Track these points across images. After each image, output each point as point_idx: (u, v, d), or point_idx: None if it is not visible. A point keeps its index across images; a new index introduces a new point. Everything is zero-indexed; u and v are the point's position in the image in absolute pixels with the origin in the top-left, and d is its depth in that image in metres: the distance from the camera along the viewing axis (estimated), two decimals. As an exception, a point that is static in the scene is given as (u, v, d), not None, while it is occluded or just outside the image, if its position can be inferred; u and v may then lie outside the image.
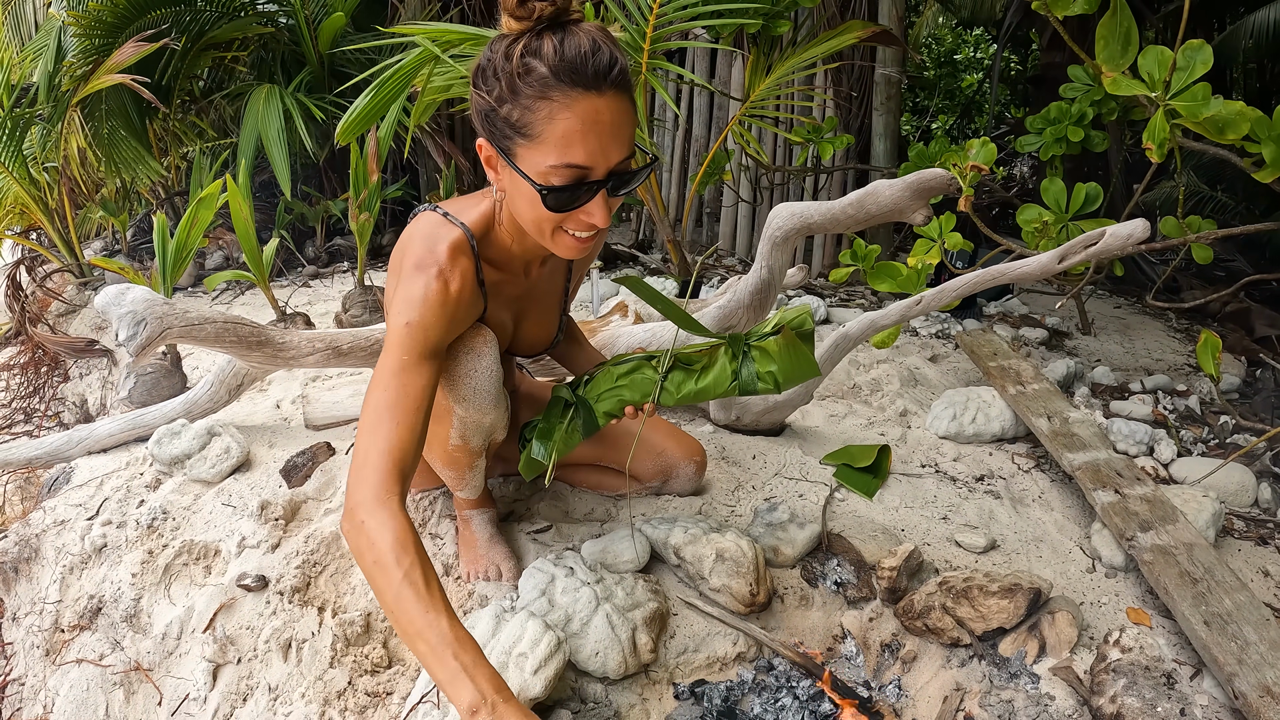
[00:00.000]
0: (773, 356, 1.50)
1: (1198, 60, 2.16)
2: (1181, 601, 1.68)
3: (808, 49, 3.22)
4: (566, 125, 1.19)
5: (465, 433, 1.54)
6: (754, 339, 1.53)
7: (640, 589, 1.63)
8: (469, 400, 1.46)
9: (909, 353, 3.07)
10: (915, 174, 1.83)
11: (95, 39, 3.84)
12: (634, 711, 1.52)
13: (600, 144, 1.22)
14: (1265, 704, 1.45)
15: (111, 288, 2.09)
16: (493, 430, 1.59)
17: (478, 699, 1.09)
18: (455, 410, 1.48)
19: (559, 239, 1.33)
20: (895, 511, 2.06)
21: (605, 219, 1.29)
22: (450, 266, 1.35)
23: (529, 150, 1.23)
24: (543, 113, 1.20)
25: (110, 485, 2.29)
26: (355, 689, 1.59)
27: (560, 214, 1.28)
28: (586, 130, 1.20)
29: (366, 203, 2.88)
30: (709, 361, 1.54)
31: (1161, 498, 2.00)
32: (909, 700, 1.59)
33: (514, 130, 1.23)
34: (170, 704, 1.77)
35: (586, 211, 1.28)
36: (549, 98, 1.19)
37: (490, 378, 1.45)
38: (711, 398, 1.55)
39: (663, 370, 1.53)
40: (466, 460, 1.62)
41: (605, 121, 1.21)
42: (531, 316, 1.65)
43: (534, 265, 1.58)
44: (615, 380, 1.56)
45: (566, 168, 1.22)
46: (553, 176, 1.23)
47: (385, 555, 1.16)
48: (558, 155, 1.21)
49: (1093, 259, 1.82)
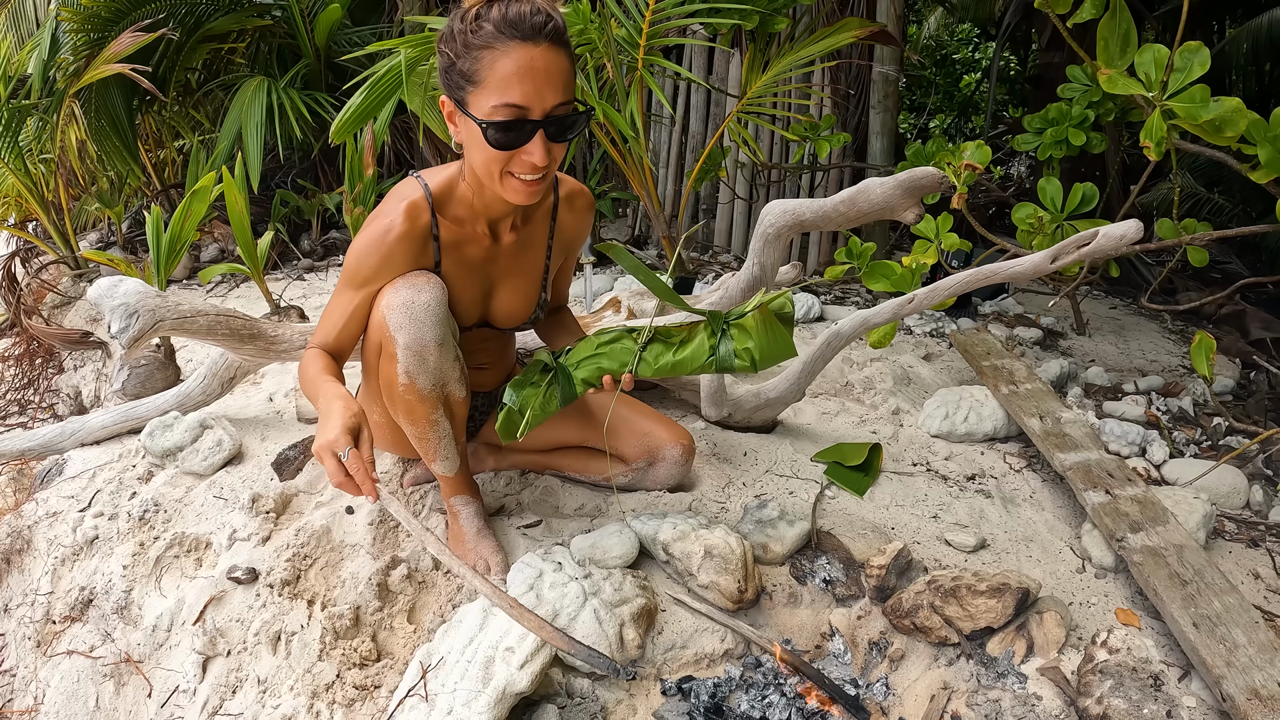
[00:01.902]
0: (750, 333, 1.54)
1: (1195, 62, 2.16)
2: (1171, 603, 1.69)
3: (805, 46, 3.21)
4: (505, 69, 1.39)
5: (410, 368, 1.58)
6: (733, 318, 1.57)
7: (628, 584, 1.63)
8: (405, 327, 1.55)
9: (903, 351, 3.07)
10: (907, 172, 1.83)
11: (90, 33, 3.84)
12: (621, 707, 1.52)
13: (535, 87, 1.41)
14: (1253, 707, 1.45)
15: (105, 280, 2.09)
16: (439, 377, 1.61)
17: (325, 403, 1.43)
18: (397, 339, 1.56)
19: (507, 183, 1.50)
20: (886, 510, 2.06)
21: (544, 159, 1.45)
22: (398, 219, 1.57)
23: (476, 95, 1.43)
24: (486, 60, 1.40)
25: (102, 477, 2.30)
26: (344, 682, 1.59)
27: (504, 153, 1.45)
28: (523, 74, 1.39)
29: (361, 196, 2.87)
30: (688, 336, 1.60)
31: (1152, 499, 2.00)
32: (896, 699, 1.59)
33: (465, 80, 1.43)
34: (160, 696, 1.77)
35: (527, 151, 1.45)
36: (492, 47, 1.39)
37: (426, 310, 1.56)
38: (688, 372, 1.60)
39: (642, 341, 1.59)
40: (422, 411, 1.64)
41: (540, 68, 1.40)
42: (507, 286, 1.76)
43: (503, 227, 1.70)
44: (595, 349, 1.61)
45: (506, 106, 1.41)
46: (495, 114, 1.42)
47: (304, 366, 1.57)
48: (498, 95, 1.40)
49: (1086, 259, 1.82)
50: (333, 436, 1.35)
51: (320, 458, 1.36)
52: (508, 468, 2.08)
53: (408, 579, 1.77)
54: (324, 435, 1.36)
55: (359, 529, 1.91)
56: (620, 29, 3.09)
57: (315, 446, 1.37)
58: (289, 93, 4.06)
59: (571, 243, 1.84)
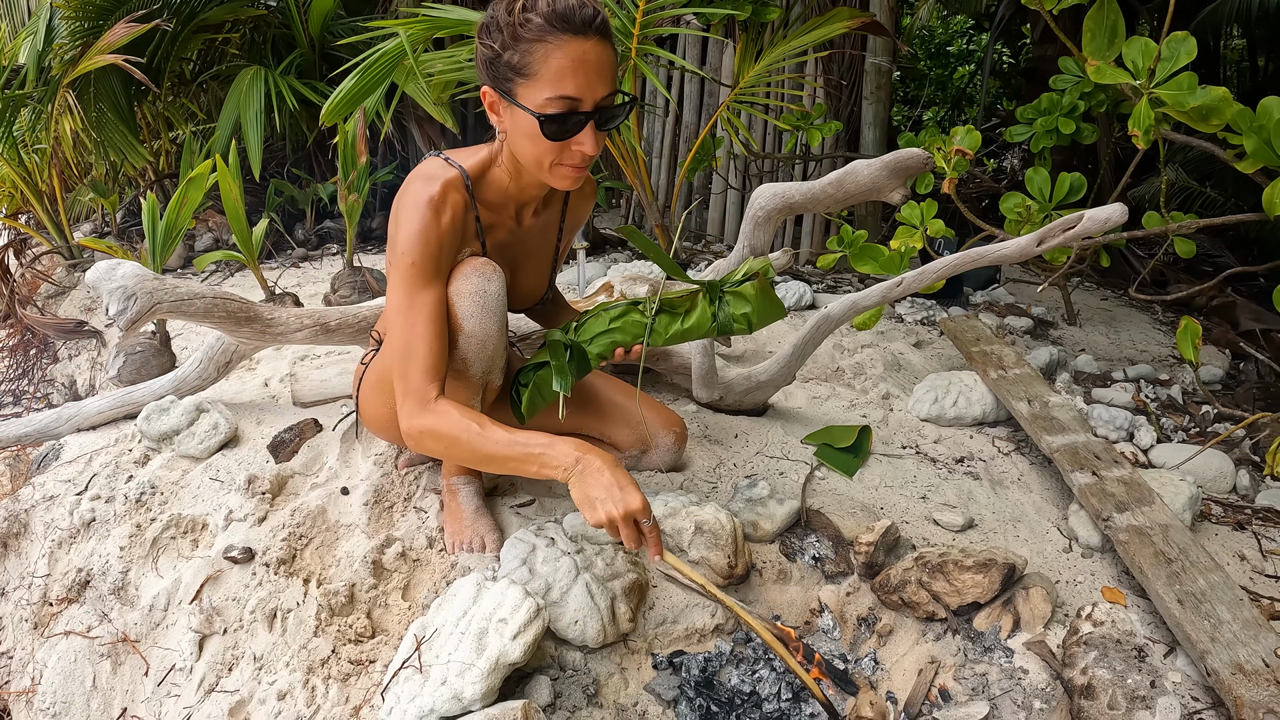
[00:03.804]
0: (748, 299, 1.68)
1: (1181, 51, 2.19)
2: (1156, 580, 1.71)
3: (797, 36, 3.23)
4: (559, 63, 1.42)
5: (469, 355, 1.60)
6: (727, 286, 1.71)
7: (620, 560, 1.65)
8: (475, 316, 1.57)
9: (893, 338, 3.10)
10: (893, 154, 1.86)
11: (85, 22, 3.84)
12: (613, 680, 1.54)
13: (588, 79, 1.44)
14: (1237, 680, 1.48)
15: (103, 263, 2.10)
16: (490, 365, 1.63)
17: (566, 464, 1.43)
18: (464, 327, 1.58)
19: (556, 171, 1.53)
20: (875, 490, 2.09)
21: (595, 148, 1.49)
22: (442, 201, 1.55)
23: (528, 88, 1.45)
24: (539, 54, 1.42)
25: (99, 461, 2.31)
26: (339, 657, 1.61)
27: (557, 143, 1.48)
28: (576, 67, 1.42)
29: (355, 184, 2.89)
30: (691, 305, 1.71)
31: (1138, 480, 2.02)
32: (885, 673, 1.62)
33: (514, 72, 1.45)
34: (157, 674, 1.79)
35: (579, 141, 1.48)
36: (545, 41, 1.41)
37: (496, 301, 1.58)
38: (696, 338, 1.72)
39: (651, 313, 1.68)
40: (463, 397, 1.65)
41: (591, 61, 1.44)
42: (526, 268, 1.80)
43: (527, 212, 1.73)
44: (608, 324, 1.69)
45: (560, 99, 1.44)
46: (549, 107, 1.44)
47: (452, 430, 1.48)
48: (553, 88, 1.43)
49: (1071, 241, 1.85)
50: (638, 505, 1.39)
51: (617, 522, 1.39)
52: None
53: (402, 557, 1.78)
54: (627, 503, 1.39)
55: (354, 509, 1.93)
56: (614, 18, 3.11)
57: (613, 513, 1.39)
58: (286, 81, 4.07)
59: (577, 224, 1.91)
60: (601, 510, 1.39)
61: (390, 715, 1.40)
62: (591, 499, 1.40)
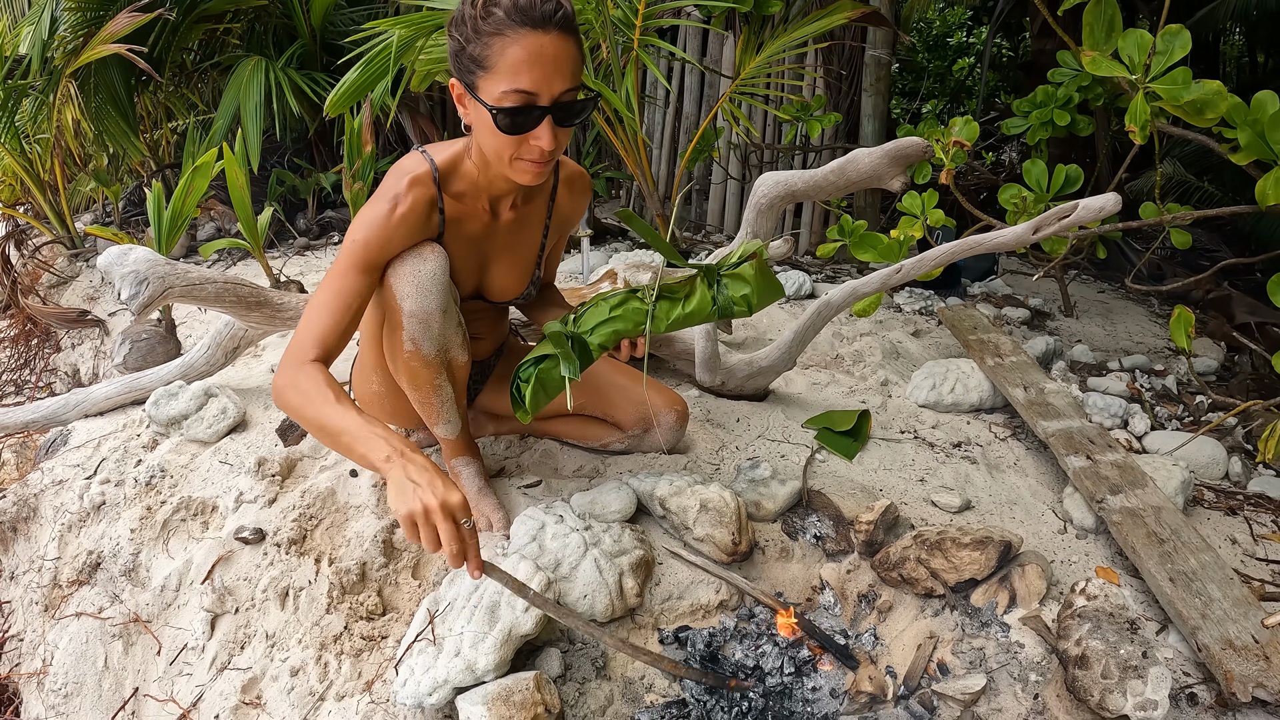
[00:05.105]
0: (747, 281, 1.69)
1: (1176, 45, 2.22)
2: (1148, 559, 1.75)
3: (798, 28, 3.26)
4: (515, 56, 1.41)
5: (415, 335, 1.61)
6: (724, 269, 1.71)
7: (627, 537, 1.69)
8: (412, 295, 1.58)
9: (892, 327, 3.14)
10: (893, 142, 1.90)
11: (88, 12, 3.85)
12: (620, 654, 1.58)
13: (544, 74, 1.43)
14: (1228, 655, 1.52)
15: (115, 248, 2.13)
16: (443, 343, 1.65)
17: (390, 451, 1.31)
18: (403, 308, 1.59)
19: (516, 166, 1.53)
20: (874, 473, 2.12)
21: (552, 143, 1.48)
22: (404, 195, 1.57)
23: (487, 80, 1.45)
24: (497, 46, 1.42)
25: (108, 446, 2.33)
26: (351, 633, 1.64)
27: (514, 137, 1.48)
28: (533, 61, 1.42)
29: (360, 172, 2.91)
30: (690, 290, 1.70)
31: (1132, 464, 2.06)
32: (884, 648, 1.65)
33: (475, 64, 1.45)
34: (169, 654, 1.82)
35: (535, 136, 1.48)
36: (503, 34, 1.41)
37: (431, 279, 1.59)
38: (697, 322, 1.72)
39: (651, 300, 1.68)
40: (426, 376, 1.68)
41: (549, 55, 1.43)
42: (503, 261, 1.79)
43: (503, 205, 1.73)
44: (609, 313, 1.67)
45: (515, 92, 1.43)
46: (505, 100, 1.44)
47: (308, 388, 1.42)
48: (509, 81, 1.43)
49: (1066, 229, 1.88)
50: (458, 500, 1.27)
51: (431, 518, 1.25)
52: (507, 432, 2.14)
53: (412, 536, 1.81)
54: (447, 494, 1.26)
55: (363, 490, 1.96)
56: (616, 10, 3.14)
57: (428, 504, 1.24)
58: (286, 73, 4.08)
59: (566, 222, 1.89)
60: (416, 497, 1.24)
61: (404, 686, 1.43)
62: (407, 485, 1.26)
